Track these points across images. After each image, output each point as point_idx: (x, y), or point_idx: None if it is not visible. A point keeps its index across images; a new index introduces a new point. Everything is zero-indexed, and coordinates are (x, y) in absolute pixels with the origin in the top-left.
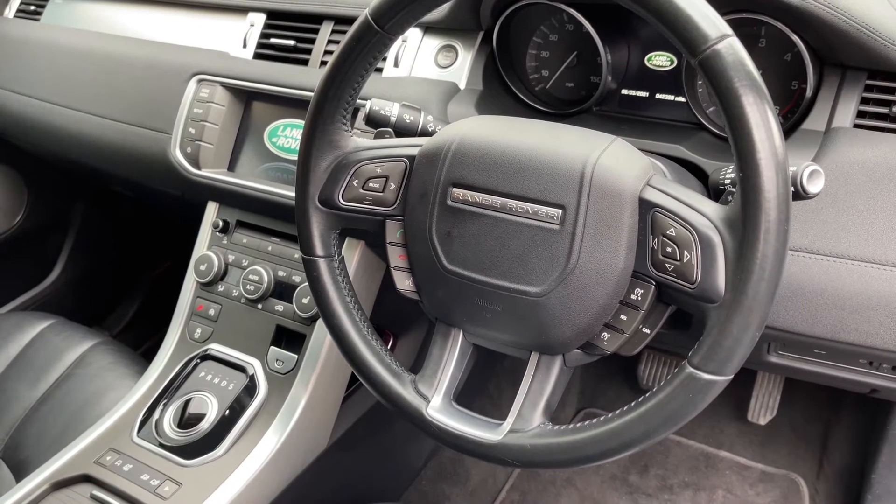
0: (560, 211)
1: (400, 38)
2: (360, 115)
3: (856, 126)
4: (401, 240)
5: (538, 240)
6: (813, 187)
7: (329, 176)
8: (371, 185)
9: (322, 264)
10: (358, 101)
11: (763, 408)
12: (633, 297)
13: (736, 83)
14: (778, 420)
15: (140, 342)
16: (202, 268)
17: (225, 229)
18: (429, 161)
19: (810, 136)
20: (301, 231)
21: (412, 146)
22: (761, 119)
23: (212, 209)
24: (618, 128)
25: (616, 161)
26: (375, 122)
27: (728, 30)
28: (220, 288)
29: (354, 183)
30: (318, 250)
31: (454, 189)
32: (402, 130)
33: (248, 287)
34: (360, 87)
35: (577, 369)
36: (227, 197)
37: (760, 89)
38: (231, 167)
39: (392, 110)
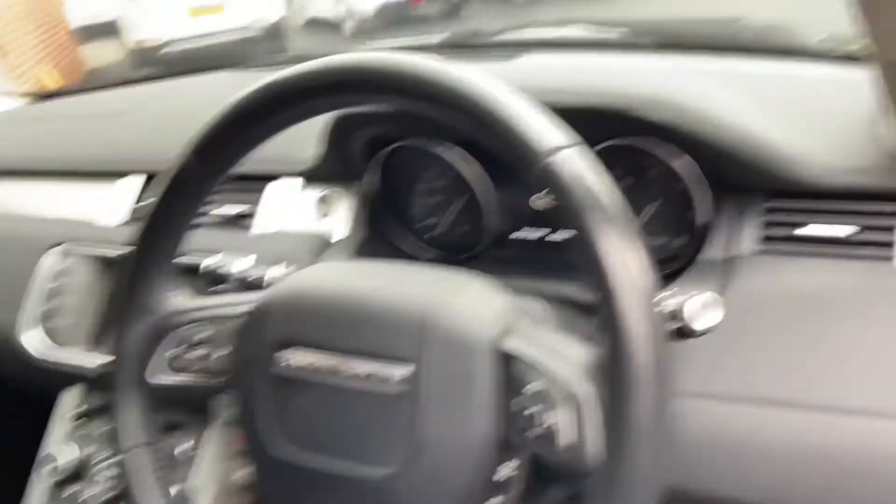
0: (401, 369)
1: (286, 188)
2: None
3: (761, 252)
4: (233, 419)
5: (378, 408)
6: (699, 324)
7: (143, 347)
8: (194, 353)
9: (137, 455)
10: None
11: None
12: (501, 473)
13: (573, 202)
14: None
15: None
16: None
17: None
18: (254, 321)
19: (710, 266)
20: (114, 421)
21: (240, 304)
22: (612, 245)
23: (69, 395)
24: (511, 272)
25: (467, 305)
26: (212, 281)
27: (564, 139)
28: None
29: (174, 353)
30: (132, 439)
31: (282, 352)
32: (248, 287)
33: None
34: (181, 236)
35: None
36: (87, 380)
37: (606, 206)
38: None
39: (230, 266)
